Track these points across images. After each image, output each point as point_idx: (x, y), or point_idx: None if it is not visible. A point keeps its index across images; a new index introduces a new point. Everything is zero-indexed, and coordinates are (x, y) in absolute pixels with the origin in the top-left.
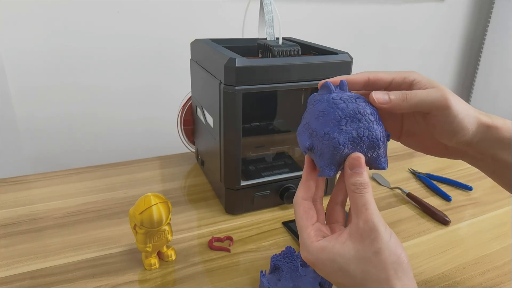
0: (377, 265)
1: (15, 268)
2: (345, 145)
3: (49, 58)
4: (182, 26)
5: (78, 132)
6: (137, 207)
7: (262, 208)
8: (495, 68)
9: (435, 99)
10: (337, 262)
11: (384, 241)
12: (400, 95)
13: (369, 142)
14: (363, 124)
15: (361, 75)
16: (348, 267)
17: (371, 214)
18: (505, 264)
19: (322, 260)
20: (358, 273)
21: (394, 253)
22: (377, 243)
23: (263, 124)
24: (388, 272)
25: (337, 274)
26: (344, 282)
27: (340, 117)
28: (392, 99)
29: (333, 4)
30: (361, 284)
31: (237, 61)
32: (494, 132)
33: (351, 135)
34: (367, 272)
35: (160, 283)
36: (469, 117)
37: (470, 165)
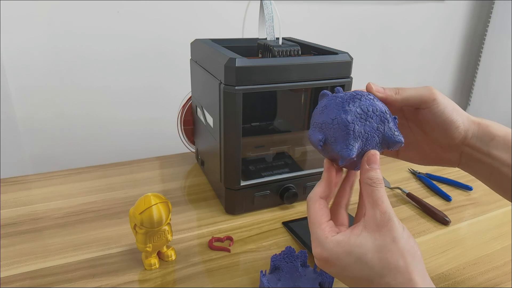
0: (395, 253)
1: (15, 268)
2: (354, 122)
3: (49, 58)
4: (182, 26)
5: (78, 132)
6: (137, 207)
7: (262, 208)
8: (495, 68)
9: (422, 93)
10: (354, 254)
11: (399, 231)
12: (393, 89)
13: (375, 116)
14: (364, 101)
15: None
16: (365, 257)
17: (387, 206)
18: (505, 264)
19: (337, 254)
20: (376, 262)
21: (409, 243)
22: (394, 232)
23: (263, 124)
24: (406, 260)
25: (353, 266)
26: (360, 274)
27: (342, 101)
28: (386, 91)
29: (333, 4)
30: (380, 273)
31: (237, 61)
32: (485, 130)
33: (356, 111)
34: (386, 260)
35: (160, 283)
36: (458, 111)
37: (467, 172)
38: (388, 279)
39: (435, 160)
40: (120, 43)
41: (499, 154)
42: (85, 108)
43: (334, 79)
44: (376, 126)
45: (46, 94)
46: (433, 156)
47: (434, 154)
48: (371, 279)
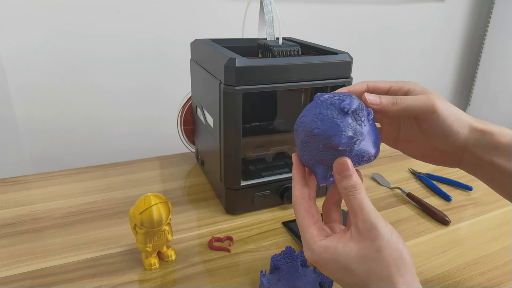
0: (379, 263)
1: (15, 268)
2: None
3: (49, 58)
4: (182, 26)
5: (78, 132)
6: (137, 207)
7: (262, 208)
8: (495, 68)
9: (421, 104)
10: (341, 262)
11: (384, 239)
12: (390, 100)
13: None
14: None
15: (360, 85)
16: (351, 266)
17: (367, 213)
18: (505, 264)
19: (325, 259)
20: (361, 272)
21: (396, 249)
22: (378, 241)
23: (263, 124)
24: (390, 269)
25: (340, 273)
26: (348, 281)
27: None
28: (382, 102)
29: (333, 4)
30: (365, 282)
31: (237, 61)
32: (489, 138)
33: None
34: (370, 270)
35: (160, 283)
36: (459, 121)
37: (468, 173)
38: (373, 287)
39: (433, 160)
40: (120, 43)
41: (502, 162)
42: (85, 108)
43: (334, 79)
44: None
45: (46, 94)
46: (431, 157)
47: (433, 155)
48: (358, 286)
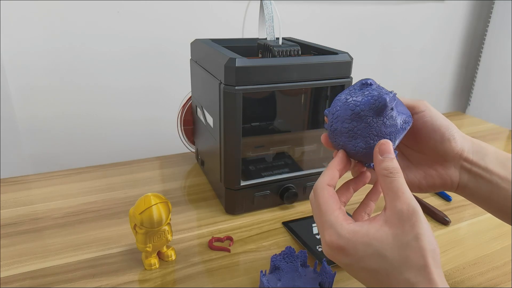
0: (416, 251)
1: (15, 268)
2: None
3: (49, 58)
4: (182, 26)
5: (78, 132)
6: (137, 207)
7: (262, 208)
8: (495, 68)
9: (414, 101)
10: (373, 247)
11: (423, 227)
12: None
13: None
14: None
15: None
16: (385, 252)
17: (409, 198)
18: (505, 264)
19: (354, 243)
20: (396, 258)
21: (433, 241)
22: (418, 228)
23: (263, 124)
24: (427, 259)
25: (370, 258)
26: (377, 267)
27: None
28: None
29: (333, 4)
30: (399, 269)
31: (237, 61)
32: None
33: None
34: (406, 258)
35: (160, 283)
36: (450, 123)
37: (467, 198)
38: (408, 275)
39: (435, 179)
40: (120, 43)
41: (496, 169)
42: (85, 108)
43: (334, 79)
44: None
45: (46, 94)
46: (433, 175)
47: (434, 172)
48: (389, 273)
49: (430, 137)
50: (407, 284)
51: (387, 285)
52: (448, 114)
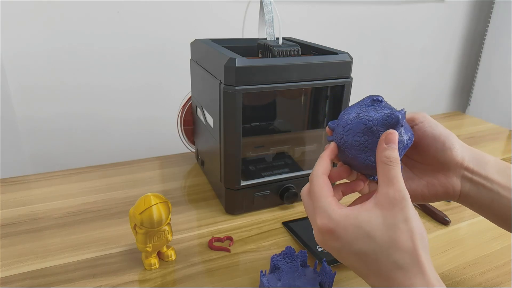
0: (405, 233)
1: (15, 268)
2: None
3: (49, 59)
4: (182, 26)
5: (78, 132)
6: (137, 207)
7: (262, 208)
8: (495, 68)
9: (413, 113)
10: (363, 228)
11: (412, 212)
12: None
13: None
14: None
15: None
16: (374, 233)
17: (402, 186)
18: (505, 264)
19: (344, 226)
20: (385, 239)
21: (420, 226)
22: (407, 212)
23: (263, 124)
24: (415, 242)
25: (360, 240)
26: (366, 249)
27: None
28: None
29: (333, 4)
30: (387, 251)
31: (237, 61)
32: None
33: None
34: (395, 239)
35: (160, 283)
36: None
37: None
38: (396, 257)
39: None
40: (120, 43)
41: (496, 178)
42: (85, 109)
43: (334, 79)
44: None
45: (46, 94)
46: (435, 184)
47: (437, 181)
48: (377, 256)
49: (431, 146)
50: (395, 267)
51: (376, 269)
52: (448, 114)
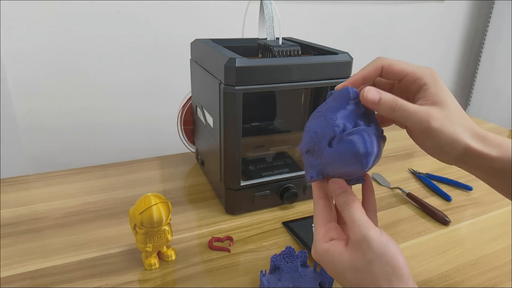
0: (369, 275)
1: (15, 268)
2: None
3: (49, 59)
4: (182, 26)
5: (78, 132)
6: (137, 207)
7: (262, 208)
8: (495, 68)
9: (417, 121)
10: (336, 267)
11: (375, 251)
12: (390, 103)
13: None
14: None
15: (375, 66)
16: (345, 274)
17: (358, 226)
18: (505, 264)
19: (325, 261)
20: (354, 281)
21: (389, 263)
22: (369, 253)
23: (263, 124)
24: (380, 282)
25: (337, 276)
26: (343, 283)
27: None
28: (381, 102)
29: (333, 4)
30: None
31: (237, 61)
32: (487, 161)
33: None
34: (362, 281)
35: (160, 283)
36: (454, 143)
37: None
38: None
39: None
40: (121, 43)
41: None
42: (85, 109)
43: (334, 79)
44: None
45: (46, 94)
46: None
47: None
48: None
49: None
50: None
51: None
52: None
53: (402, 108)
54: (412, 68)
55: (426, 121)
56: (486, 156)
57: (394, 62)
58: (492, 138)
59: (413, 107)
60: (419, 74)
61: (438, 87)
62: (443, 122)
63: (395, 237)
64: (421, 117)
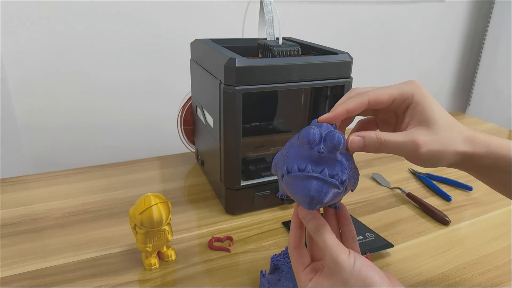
0: None
1: (15, 268)
2: None
3: (49, 59)
4: (182, 26)
5: (78, 132)
6: (137, 207)
7: (262, 208)
8: (495, 68)
9: (406, 151)
10: None
11: (347, 271)
12: (375, 145)
13: None
14: None
15: (360, 102)
16: None
17: (329, 250)
18: (505, 264)
19: None
20: None
21: (360, 279)
22: (343, 274)
23: (263, 124)
24: None
25: None
26: None
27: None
28: (366, 146)
29: (333, 4)
30: None
31: (237, 61)
32: (477, 161)
33: None
34: None
35: (160, 283)
36: (445, 155)
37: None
38: None
39: None
40: (121, 43)
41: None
42: (85, 109)
43: (334, 79)
44: None
45: (46, 94)
46: None
47: None
48: None
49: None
50: None
51: None
52: None
53: (387, 145)
54: (398, 90)
55: (413, 149)
56: (476, 156)
57: (378, 93)
58: (480, 137)
59: (398, 140)
60: (407, 94)
61: (425, 103)
62: (430, 144)
63: (395, 237)
64: (408, 146)
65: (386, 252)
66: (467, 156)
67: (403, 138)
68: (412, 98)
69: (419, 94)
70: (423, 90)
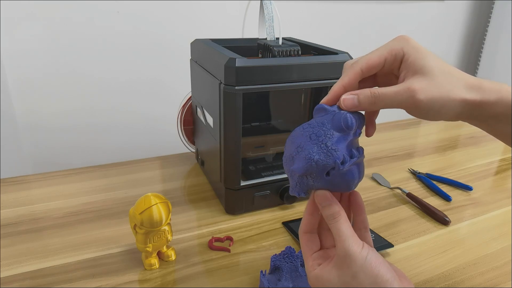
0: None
1: (15, 268)
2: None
3: (49, 60)
4: (182, 26)
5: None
6: (137, 207)
7: (262, 208)
8: (495, 68)
9: (403, 101)
10: (330, 286)
11: (358, 264)
12: (369, 99)
13: None
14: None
15: (353, 72)
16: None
17: (343, 241)
18: (505, 264)
19: (320, 284)
20: None
21: (370, 275)
22: (353, 267)
23: (263, 124)
24: None
25: None
26: None
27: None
28: (361, 102)
29: (333, 4)
30: None
31: (237, 61)
32: (484, 109)
33: None
34: None
35: (160, 283)
36: (449, 104)
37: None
38: None
39: None
40: (121, 43)
41: (500, 126)
42: (85, 109)
43: (334, 79)
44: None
45: (46, 94)
46: None
47: None
48: None
49: (417, 116)
50: None
51: None
52: None
53: (381, 97)
54: (386, 48)
55: (410, 97)
56: (485, 104)
57: (368, 57)
58: (488, 85)
59: (392, 91)
60: (396, 49)
61: (417, 53)
62: (428, 90)
63: (395, 237)
64: (403, 95)
65: (386, 252)
66: (474, 104)
67: (397, 89)
68: (403, 52)
69: (408, 46)
70: (412, 42)
